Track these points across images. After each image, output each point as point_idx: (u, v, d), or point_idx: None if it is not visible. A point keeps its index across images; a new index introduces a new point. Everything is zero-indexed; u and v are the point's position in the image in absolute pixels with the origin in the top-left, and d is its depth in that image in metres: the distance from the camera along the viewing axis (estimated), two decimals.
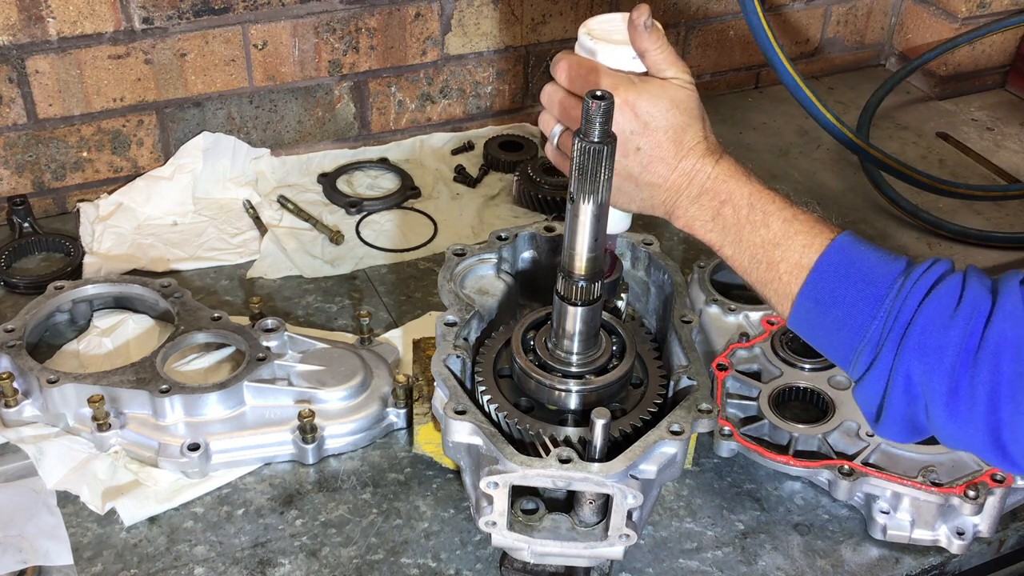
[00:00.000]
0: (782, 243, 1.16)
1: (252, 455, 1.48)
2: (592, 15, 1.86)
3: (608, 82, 1.15)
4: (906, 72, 2.46)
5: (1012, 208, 2.13)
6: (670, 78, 1.17)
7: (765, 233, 1.17)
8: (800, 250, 1.15)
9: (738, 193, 1.18)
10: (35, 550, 1.34)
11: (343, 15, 2.00)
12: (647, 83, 1.16)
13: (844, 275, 1.13)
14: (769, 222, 1.17)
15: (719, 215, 1.18)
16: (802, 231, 1.16)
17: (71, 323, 1.68)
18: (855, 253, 1.13)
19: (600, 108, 1.05)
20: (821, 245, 1.14)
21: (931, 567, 1.40)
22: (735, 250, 1.19)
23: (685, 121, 1.17)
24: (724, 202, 1.18)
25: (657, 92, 1.16)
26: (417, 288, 1.82)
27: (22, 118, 1.86)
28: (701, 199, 1.19)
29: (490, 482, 1.16)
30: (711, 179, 1.18)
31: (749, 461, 1.50)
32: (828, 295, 1.13)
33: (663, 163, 1.18)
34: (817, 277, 1.14)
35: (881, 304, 1.09)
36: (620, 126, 1.14)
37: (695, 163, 1.18)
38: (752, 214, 1.17)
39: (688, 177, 1.18)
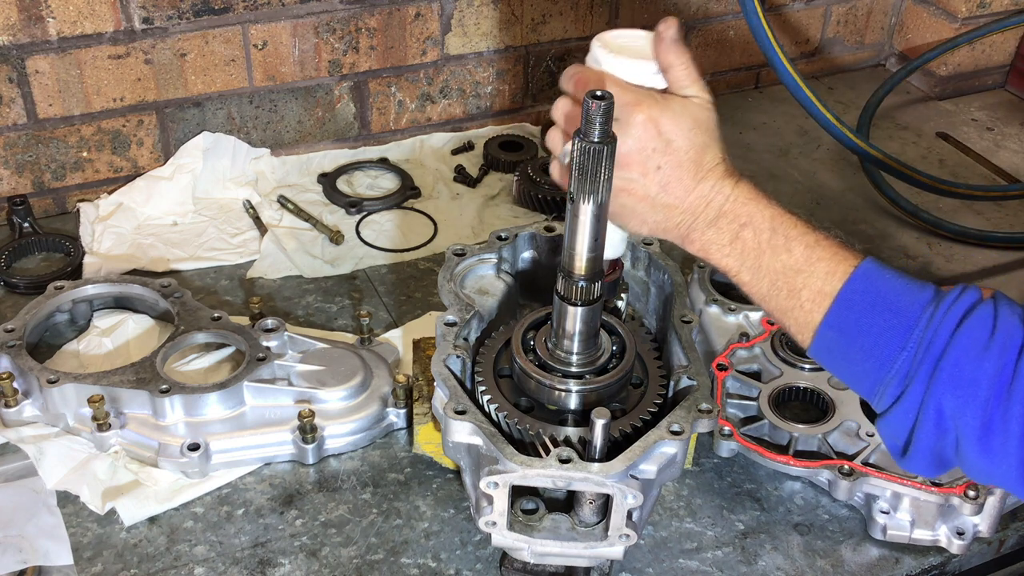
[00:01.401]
0: (804, 269, 1.12)
1: (252, 455, 1.48)
2: (592, 15, 1.84)
3: (630, 97, 1.11)
4: (906, 72, 2.46)
5: (1012, 208, 2.13)
6: (691, 96, 1.14)
7: (787, 259, 1.13)
8: (823, 277, 1.11)
9: (759, 216, 1.14)
10: (35, 550, 1.34)
11: (343, 15, 2.00)
12: (670, 100, 1.13)
13: (870, 304, 1.09)
14: (791, 247, 1.13)
15: (738, 239, 1.14)
16: (825, 257, 1.12)
17: (71, 323, 1.68)
18: (880, 280, 1.10)
19: (600, 108, 1.04)
20: (845, 272, 1.11)
21: (931, 567, 1.40)
22: (753, 276, 1.15)
23: (706, 141, 1.13)
24: (744, 225, 1.14)
25: (680, 110, 1.12)
26: (417, 288, 1.82)
27: (22, 118, 1.86)
28: (719, 222, 1.15)
29: (490, 482, 1.16)
30: (730, 201, 1.14)
31: (749, 461, 1.50)
32: (853, 325, 1.10)
33: (681, 184, 1.13)
34: (841, 306, 1.10)
35: (910, 334, 1.06)
36: (642, 143, 1.11)
37: (714, 185, 1.14)
38: (774, 238, 1.13)
39: (706, 200, 1.14)
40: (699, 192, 1.14)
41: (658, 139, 1.11)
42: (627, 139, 1.10)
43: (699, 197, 1.14)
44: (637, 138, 1.10)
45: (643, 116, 1.10)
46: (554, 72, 2.26)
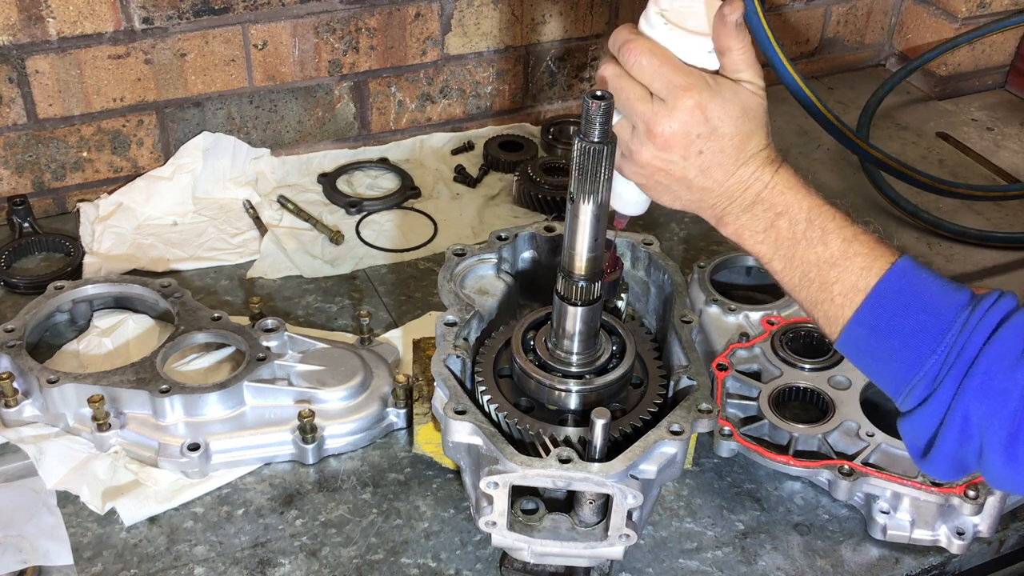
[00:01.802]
0: (839, 263, 1.11)
1: (252, 455, 1.48)
2: (592, 15, 1.82)
3: (681, 80, 1.08)
4: (906, 72, 2.46)
5: (1012, 208, 2.13)
6: (744, 81, 1.11)
7: (822, 251, 1.11)
8: (858, 272, 1.10)
9: (796, 206, 1.12)
10: (35, 550, 1.34)
11: (343, 15, 2.00)
12: (722, 86, 1.10)
13: (904, 303, 1.08)
14: (828, 240, 1.11)
15: (773, 227, 1.13)
16: (862, 252, 1.10)
17: (71, 323, 1.68)
18: (916, 280, 1.08)
19: (600, 108, 1.05)
20: (881, 269, 1.09)
21: (931, 567, 1.40)
22: (786, 265, 1.14)
23: (752, 128, 1.11)
24: (780, 214, 1.13)
25: (731, 96, 1.10)
26: (417, 288, 1.82)
27: (22, 118, 1.86)
28: (755, 208, 1.13)
29: (490, 482, 1.16)
30: (768, 188, 1.13)
31: (749, 461, 1.50)
32: (885, 322, 1.08)
33: (722, 169, 1.12)
34: (874, 302, 1.09)
35: (943, 338, 1.05)
36: (687, 128, 1.09)
37: (754, 171, 1.12)
38: (810, 230, 1.12)
39: (744, 185, 1.13)
40: (738, 177, 1.12)
41: (704, 125, 1.09)
42: (672, 122, 1.09)
43: (737, 182, 1.13)
44: (683, 122, 1.08)
45: (692, 101, 1.08)
46: (554, 72, 2.26)
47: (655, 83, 1.08)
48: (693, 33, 1.10)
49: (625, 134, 1.12)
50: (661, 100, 1.08)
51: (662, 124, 1.08)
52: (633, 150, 1.12)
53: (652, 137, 1.09)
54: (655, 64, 1.08)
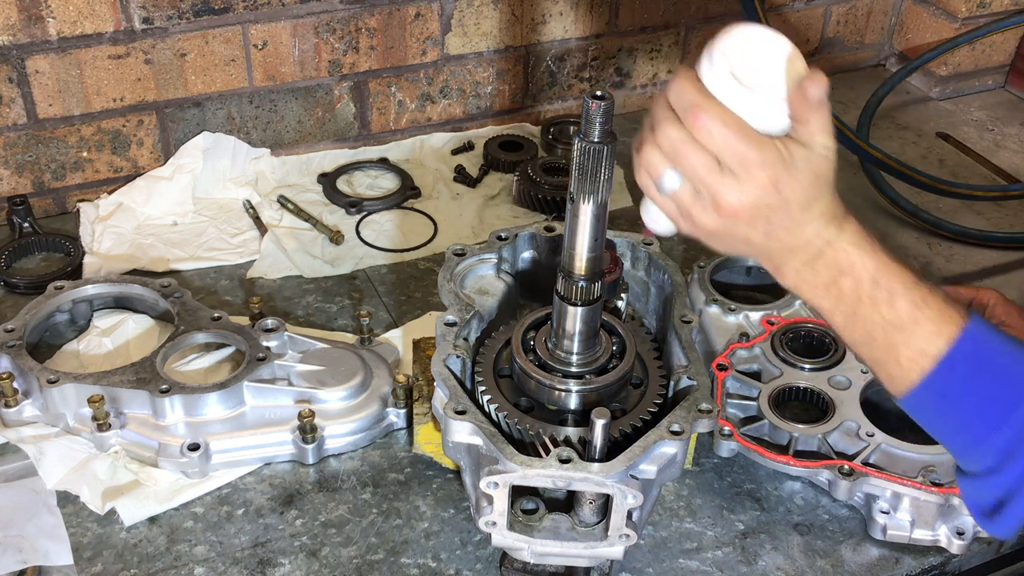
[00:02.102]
0: (907, 327, 1.06)
1: (252, 455, 1.48)
2: (592, 15, 1.80)
3: (756, 155, 1.00)
4: (906, 72, 2.46)
5: (1012, 208, 2.13)
6: (817, 146, 1.03)
7: (887, 313, 1.07)
8: (927, 337, 1.06)
9: (860, 266, 1.07)
10: (35, 550, 1.34)
11: (343, 15, 2.00)
12: (795, 155, 1.02)
13: (975, 372, 1.05)
14: (895, 302, 1.06)
15: (835, 284, 1.08)
16: (931, 317, 1.06)
17: (71, 323, 1.68)
18: (988, 348, 1.06)
19: (600, 108, 1.04)
20: (951, 335, 1.05)
21: (931, 567, 1.40)
22: (847, 321, 1.09)
23: (821, 191, 1.06)
24: (843, 272, 1.07)
25: (804, 167, 1.03)
26: (417, 288, 1.82)
27: (22, 118, 1.86)
28: (816, 264, 1.08)
29: (490, 482, 1.16)
30: (831, 247, 1.07)
31: (749, 461, 1.50)
32: (955, 392, 1.06)
33: (786, 231, 1.06)
34: (945, 371, 1.06)
35: (1013, 412, 1.04)
36: (757, 202, 1.03)
37: (818, 228, 1.07)
38: (875, 291, 1.07)
39: (806, 241, 1.07)
40: (801, 235, 1.07)
41: (776, 198, 1.03)
42: (743, 196, 1.02)
43: (799, 239, 1.07)
44: (754, 197, 1.02)
45: (766, 177, 1.02)
46: (554, 72, 2.26)
47: (725, 154, 1.01)
48: (769, 97, 1.01)
49: (686, 198, 1.05)
50: (731, 172, 1.02)
51: (731, 197, 1.02)
52: (695, 215, 1.06)
53: (718, 208, 1.03)
54: (728, 135, 1.00)
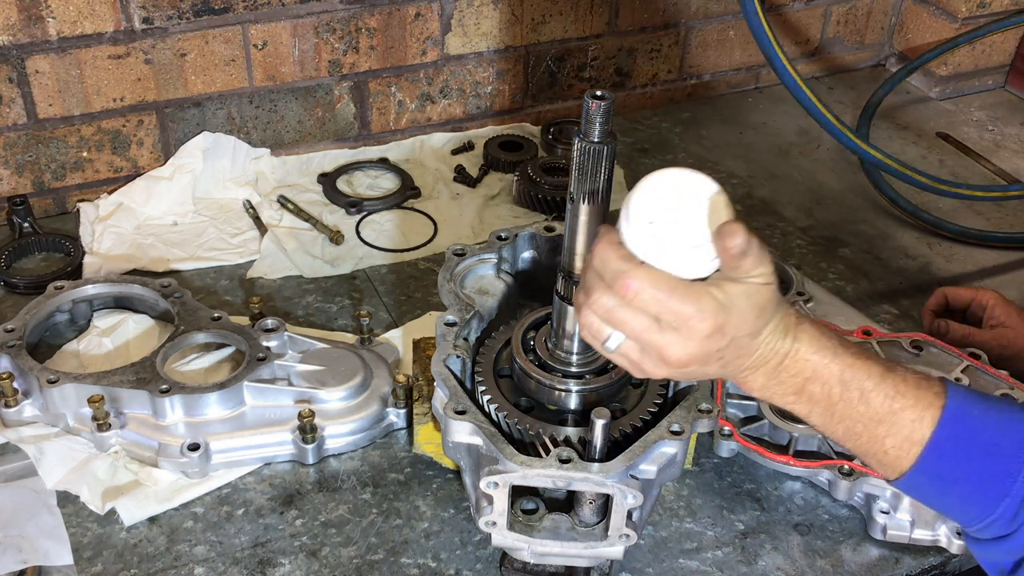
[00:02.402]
0: (886, 420, 1.07)
1: (252, 455, 1.48)
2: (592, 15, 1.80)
3: (692, 309, 0.99)
4: (906, 72, 2.46)
5: (1012, 208, 2.13)
6: (753, 278, 1.01)
7: (864, 410, 1.07)
8: (909, 425, 1.06)
9: (825, 372, 1.06)
10: (35, 550, 1.34)
11: (343, 15, 2.00)
12: (733, 297, 1.00)
13: (964, 450, 1.06)
14: (868, 399, 1.07)
15: (803, 391, 1.08)
16: (908, 406, 1.06)
17: (71, 323, 1.68)
18: (971, 422, 1.06)
19: (600, 108, 1.04)
20: (933, 418, 1.06)
21: (931, 567, 1.40)
22: (826, 421, 1.09)
23: (767, 319, 1.04)
24: (809, 379, 1.07)
25: (744, 305, 1.01)
26: (417, 288, 1.82)
27: (22, 118, 1.86)
28: (780, 375, 1.07)
29: (490, 482, 1.16)
30: (789, 358, 1.06)
31: (749, 461, 1.50)
32: (948, 471, 1.07)
33: (741, 357, 1.05)
34: (933, 454, 1.06)
35: (1015, 480, 1.05)
36: (706, 350, 1.01)
37: (771, 346, 1.05)
38: (846, 392, 1.07)
39: (763, 359, 1.06)
40: (757, 355, 1.06)
41: (722, 340, 1.02)
42: (689, 348, 1.01)
43: (757, 358, 1.06)
44: (700, 347, 1.01)
45: (708, 328, 1.00)
46: (554, 72, 2.26)
47: (663, 316, 1.00)
48: (692, 248, 0.98)
49: (634, 355, 1.04)
50: (673, 329, 1.00)
51: (676, 351, 1.01)
52: (646, 368, 1.05)
53: (667, 362, 1.02)
54: (660, 297, 0.99)
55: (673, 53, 2.37)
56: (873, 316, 1.76)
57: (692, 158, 2.22)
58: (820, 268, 1.92)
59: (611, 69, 2.32)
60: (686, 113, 2.40)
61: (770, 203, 2.10)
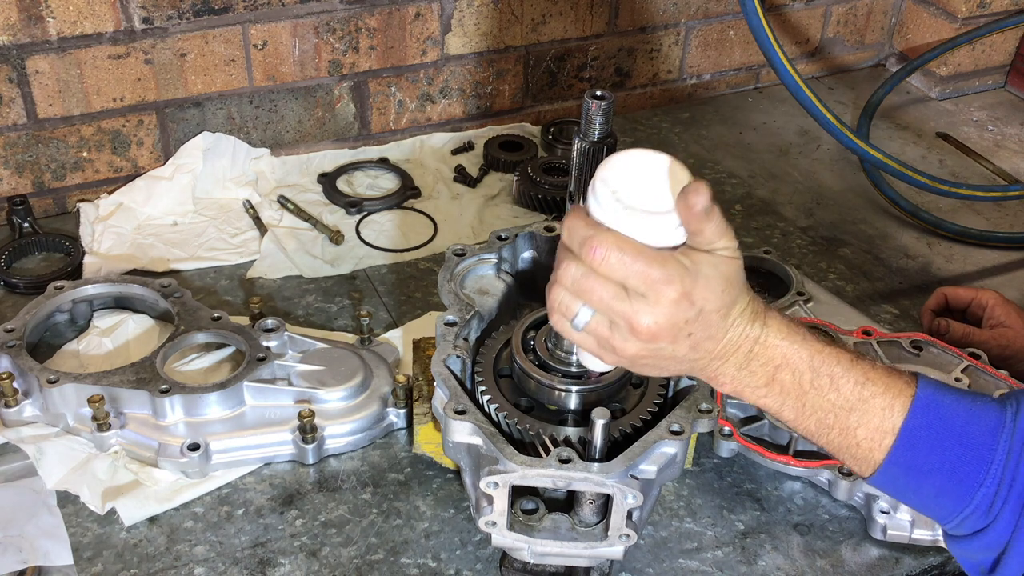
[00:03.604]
0: (856, 407, 1.06)
1: (252, 455, 1.48)
2: (592, 15, 1.81)
3: (659, 272, 0.98)
4: (906, 72, 2.46)
5: (1012, 208, 2.13)
6: (719, 250, 1.01)
7: (835, 398, 1.07)
8: (880, 414, 1.06)
9: (795, 357, 1.06)
10: (35, 550, 1.34)
11: (343, 15, 2.00)
12: (700, 264, 1.00)
13: (937, 438, 1.05)
14: (838, 385, 1.06)
15: (774, 380, 1.07)
16: (878, 393, 1.06)
17: (71, 323, 1.68)
18: (942, 408, 1.06)
19: (600, 108, 1.05)
20: (903, 406, 1.06)
21: (931, 567, 1.40)
22: (798, 415, 1.09)
23: (736, 294, 1.03)
24: (779, 367, 1.06)
25: (711, 273, 1.01)
26: (417, 288, 1.82)
27: (22, 118, 1.86)
28: (750, 365, 1.07)
29: (490, 482, 1.16)
30: (759, 344, 1.06)
31: (749, 461, 1.50)
32: (921, 461, 1.06)
33: (711, 340, 1.04)
34: (905, 443, 1.06)
35: (988, 469, 1.04)
36: (673, 319, 1.00)
37: (741, 330, 1.05)
38: (816, 379, 1.07)
39: (734, 346, 1.06)
40: (727, 340, 1.05)
41: (691, 310, 1.01)
42: (656, 316, 1.00)
43: (727, 344, 1.05)
44: (668, 314, 1.00)
45: (676, 293, 0.99)
46: (554, 72, 2.26)
47: (629, 279, 0.99)
48: (656, 214, 0.99)
49: (603, 331, 1.03)
50: (640, 295, 0.99)
51: (646, 320, 1.00)
52: (616, 345, 1.03)
53: (636, 333, 1.01)
54: (626, 260, 0.98)
55: (673, 53, 2.37)
56: (873, 316, 1.76)
57: (692, 158, 2.22)
58: (820, 268, 1.92)
59: (611, 69, 2.32)
60: (686, 113, 2.40)
61: (770, 203, 2.10)
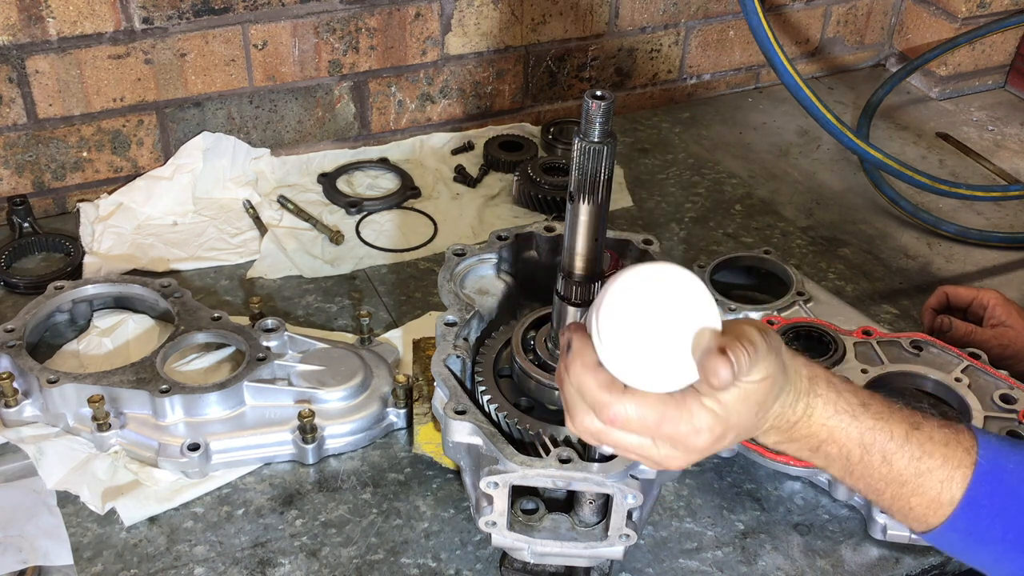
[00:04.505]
0: (910, 481, 1.02)
1: (252, 455, 1.48)
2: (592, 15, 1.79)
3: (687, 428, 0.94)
4: (906, 72, 2.46)
5: (1012, 208, 2.13)
6: (745, 383, 0.95)
7: (887, 471, 1.02)
8: (937, 486, 1.02)
9: (842, 435, 1.02)
10: (35, 550, 1.34)
11: (343, 15, 2.00)
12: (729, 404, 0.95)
13: (1000, 510, 1.01)
14: (891, 461, 1.02)
15: (819, 451, 1.03)
16: (935, 467, 1.02)
17: (71, 323, 1.68)
18: (1006, 476, 1.02)
19: (600, 108, 1.04)
20: (964, 478, 1.01)
21: (931, 567, 1.40)
22: (844, 476, 1.05)
23: (769, 406, 0.99)
24: (824, 441, 1.02)
25: (741, 408, 0.96)
26: (417, 288, 1.82)
27: (22, 118, 1.86)
28: (794, 440, 1.03)
29: (490, 482, 1.16)
30: (802, 423, 1.01)
31: (749, 461, 1.50)
32: (983, 529, 1.02)
33: (747, 433, 1.01)
34: (966, 513, 1.02)
35: None
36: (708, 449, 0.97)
37: (780, 412, 1.00)
38: (866, 455, 1.02)
39: (773, 426, 1.01)
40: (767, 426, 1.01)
41: (724, 440, 0.97)
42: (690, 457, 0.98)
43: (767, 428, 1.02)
44: (704, 453, 0.98)
45: (707, 441, 0.96)
46: (554, 72, 2.26)
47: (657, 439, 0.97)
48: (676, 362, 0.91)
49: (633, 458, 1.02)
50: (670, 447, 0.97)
51: (679, 463, 0.98)
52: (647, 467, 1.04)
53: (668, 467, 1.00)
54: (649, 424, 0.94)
55: (673, 53, 2.37)
56: (873, 316, 1.76)
57: (692, 158, 2.22)
58: (820, 268, 1.92)
59: (611, 69, 2.32)
60: (686, 113, 2.40)
61: (770, 203, 2.10)
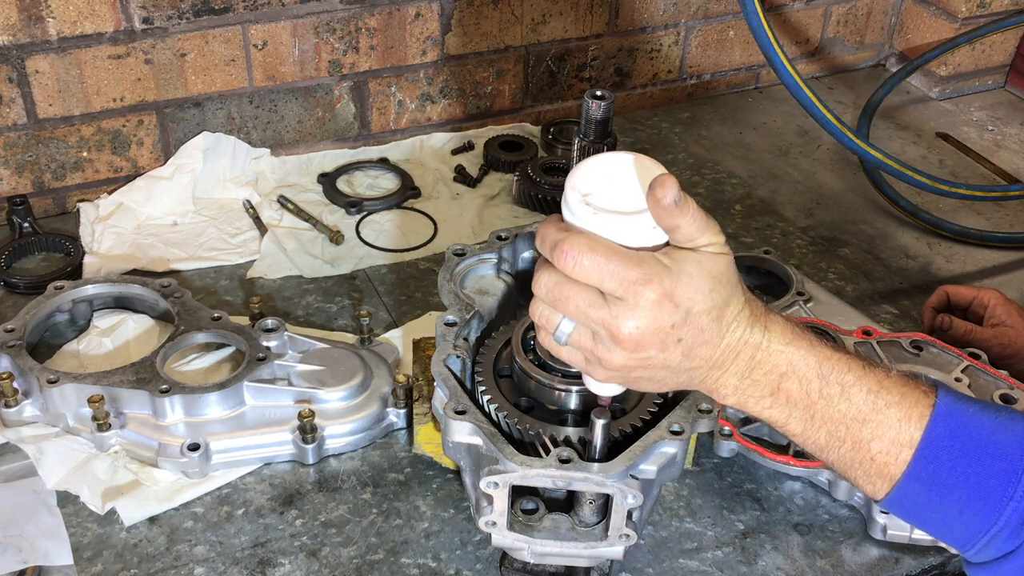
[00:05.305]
0: (870, 419, 1.00)
1: (252, 455, 1.48)
2: (592, 15, 1.81)
3: (635, 273, 0.93)
4: (906, 72, 2.46)
5: (1012, 208, 2.13)
6: (703, 246, 0.95)
7: (846, 408, 1.00)
8: (896, 425, 0.99)
9: (802, 364, 1.00)
10: (35, 550, 1.34)
11: (343, 15, 2.00)
12: (682, 262, 0.95)
13: (960, 449, 0.98)
14: (849, 394, 1.00)
15: (780, 390, 1.01)
16: (893, 402, 1.00)
17: (71, 323, 1.68)
18: (965, 420, 0.99)
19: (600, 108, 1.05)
20: (922, 416, 0.99)
21: (931, 567, 1.40)
22: (806, 427, 1.02)
23: (728, 293, 0.97)
24: (784, 375, 1.00)
25: (695, 271, 0.94)
26: (417, 288, 1.82)
27: (22, 118, 1.86)
28: (753, 374, 1.00)
29: (490, 482, 1.16)
30: (762, 350, 0.99)
31: (749, 461, 1.50)
32: (945, 475, 0.99)
33: (706, 345, 0.98)
34: (926, 456, 0.99)
35: (1017, 482, 0.97)
36: (658, 323, 0.94)
37: (740, 335, 0.98)
38: (826, 387, 1.00)
39: (734, 352, 0.99)
40: (725, 346, 0.99)
41: (675, 312, 0.95)
42: (638, 320, 0.94)
43: (726, 351, 0.99)
44: (651, 318, 0.94)
45: (655, 294, 0.93)
46: (554, 72, 2.26)
47: (606, 283, 0.94)
48: (629, 214, 0.95)
49: (586, 343, 0.99)
50: (618, 299, 0.94)
51: (627, 325, 0.94)
52: (602, 358, 0.98)
53: (619, 341, 0.96)
54: (599, 261, 0.93)
55: (673, 53, 2.37)
56: (873, 316, 1.76)
57: (692, 158, 2.22)
58: (820, 268, 1.92)
59: (611, 69, 2.32)
60: (686, 113, 2.40)
61: (770, 203, 2.10)
